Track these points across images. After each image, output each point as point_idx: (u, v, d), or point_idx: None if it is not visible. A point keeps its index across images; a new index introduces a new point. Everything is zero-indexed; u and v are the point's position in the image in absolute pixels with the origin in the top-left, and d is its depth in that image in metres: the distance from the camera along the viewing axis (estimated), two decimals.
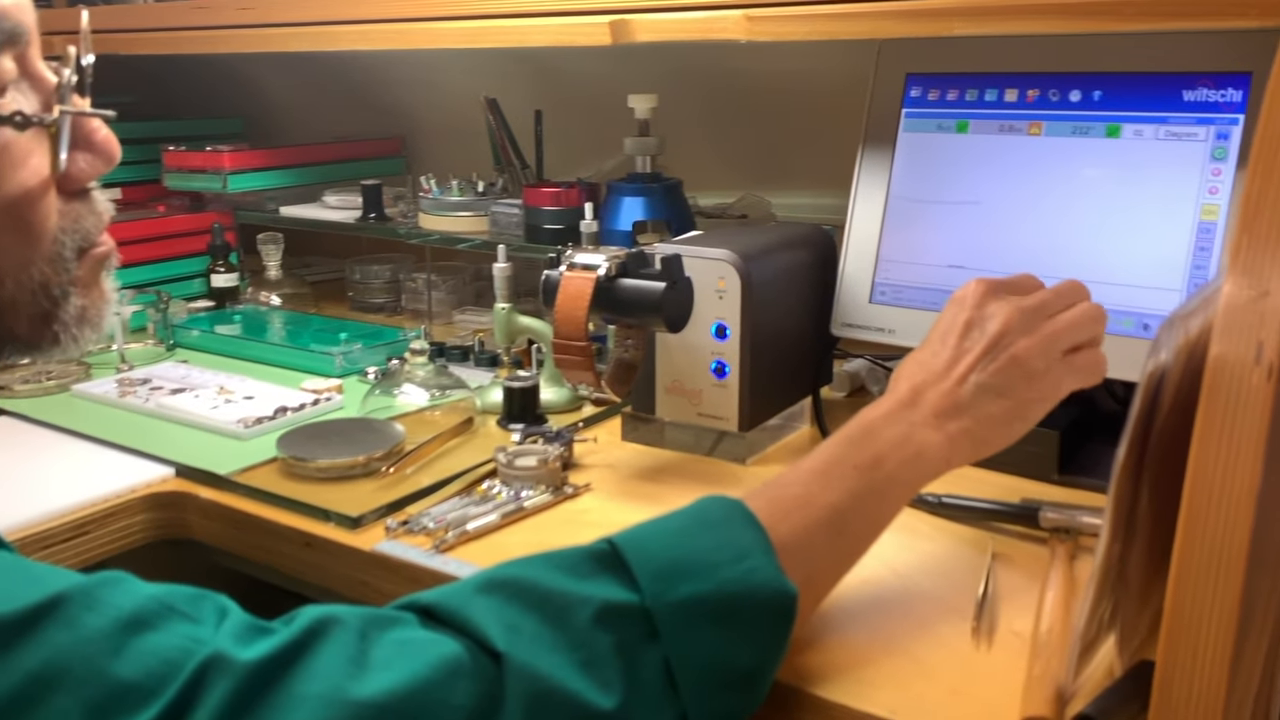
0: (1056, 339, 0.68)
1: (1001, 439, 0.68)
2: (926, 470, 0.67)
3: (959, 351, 0.68)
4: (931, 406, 0.67)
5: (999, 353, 0.68)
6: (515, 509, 0.84)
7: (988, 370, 0.67)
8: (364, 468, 0.91)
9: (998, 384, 0.67)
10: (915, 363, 0.70)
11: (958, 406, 0.67)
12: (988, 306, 0.69)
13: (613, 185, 1.19)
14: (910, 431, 0.66)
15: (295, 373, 1.20)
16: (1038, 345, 0.68)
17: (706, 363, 0.94)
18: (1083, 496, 0.86)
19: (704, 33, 0.94)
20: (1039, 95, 0.93)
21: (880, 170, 1.01)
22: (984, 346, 0.68)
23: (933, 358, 0.69)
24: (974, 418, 0.67)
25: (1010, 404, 0.67)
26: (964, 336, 0.69)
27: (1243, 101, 0.84)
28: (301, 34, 1.20)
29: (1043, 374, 0.67)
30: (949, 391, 0.67)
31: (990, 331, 0.68)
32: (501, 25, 1.06)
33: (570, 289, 0.87)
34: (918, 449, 0.66)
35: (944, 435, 0.67)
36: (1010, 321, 0.68)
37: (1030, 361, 0.67)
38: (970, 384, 0.67)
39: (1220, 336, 0.53)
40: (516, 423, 1.02)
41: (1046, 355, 0.68)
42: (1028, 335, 0.68)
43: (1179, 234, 0.86)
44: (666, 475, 0.93)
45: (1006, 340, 0.68)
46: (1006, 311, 0.69)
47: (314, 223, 1.46)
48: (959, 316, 0.70)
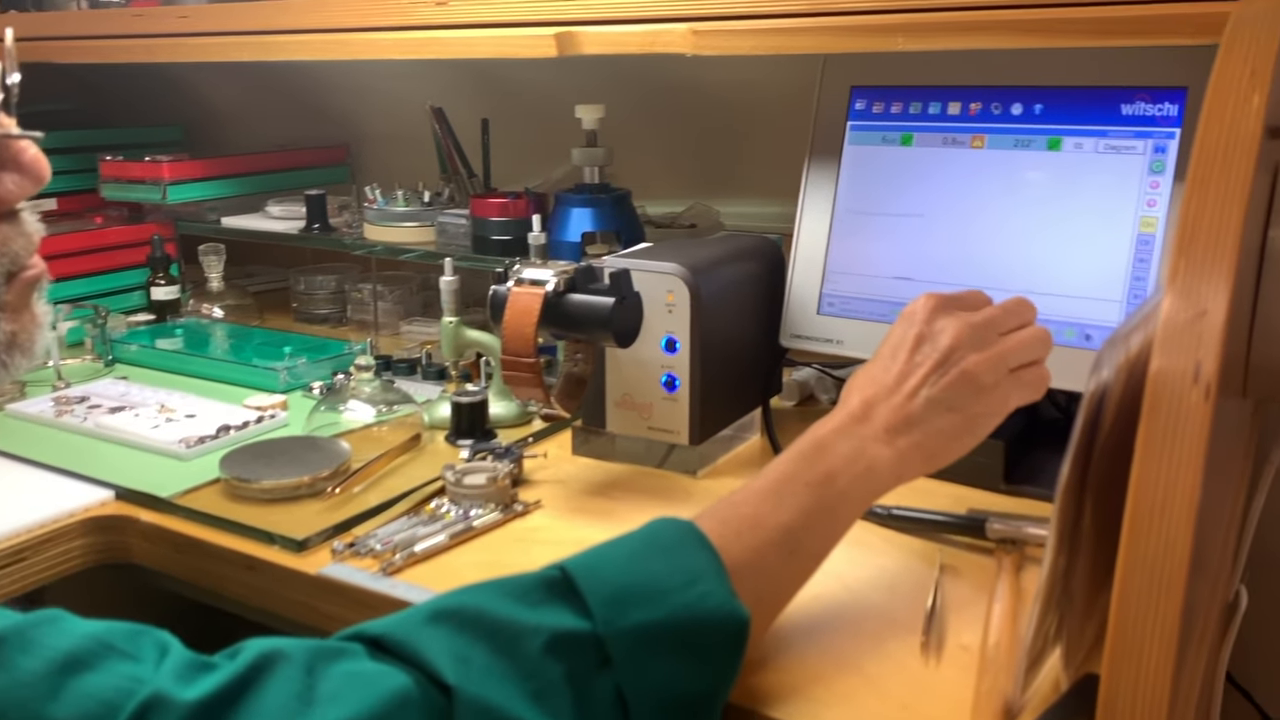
0: (1006, 356, 0.69)
1: (950, 453, 0.69)
2: (877, 485, 0.67)
3: (910, 366, 0.69)
4: (883, 421, 0.68)
5: (949, 367, 0.68)
6: (464, 528, 0.84)
7: (938, 385, 0.68)
8: (309, 488, 0.90)
9: (948, 398, 0.68)
10: (866, 377, 0.71)
11: (908, 421, 0.68)
12: (937, 321, 0.70)
13: (561, 196, 1.18)
14: (861, 446, 0.67)
15: (238, 389, 1.17)
16: (987, 361, 0.68)
17: (656, 376, 0.94)
18: (1028, 505, 0.87)
19: (649, 46, 0.93)
20: (981, 108, 0.94)
21: (826, 182, 1.01)
22: (935, 361, 0.68)
23: (884, 372, 0.70)
24: (924, 432, 0.68)
25: (960, 418, 0.68)
26: (914, 351, 0.69)
27: (1179, 116, 0.86)
28: (241, 44, 1.18)
29: (992, 388, 0.68)
30: (899, 406, 0.68)
31: (941, 346, 0.69)
32: (445, 36, 1.05)
33: (518, 305, 0.87)
34: (869, 464, 0.66)
35: (894, 450, 0.67)
36: (960, 336, 0.69)
37: (980, 376, 0.68)
38: (921, 398, 0.68)
39: (1160, 357, 0.53)
40: (465, 438, 1.01)
41: (996, 370, 0.68)
42: (977, 350, 0.69)
43: (1119, 246, 0.87)
44: (617, 490, 0.93)
45: (957, 355, 0.68)
46: (956, 327, 0.69)
47: (257, 234, 1.43)
48: (909, 331, 0.71)
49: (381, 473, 0.94)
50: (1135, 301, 0.87)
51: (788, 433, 1.04)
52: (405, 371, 1.19)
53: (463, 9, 1.04)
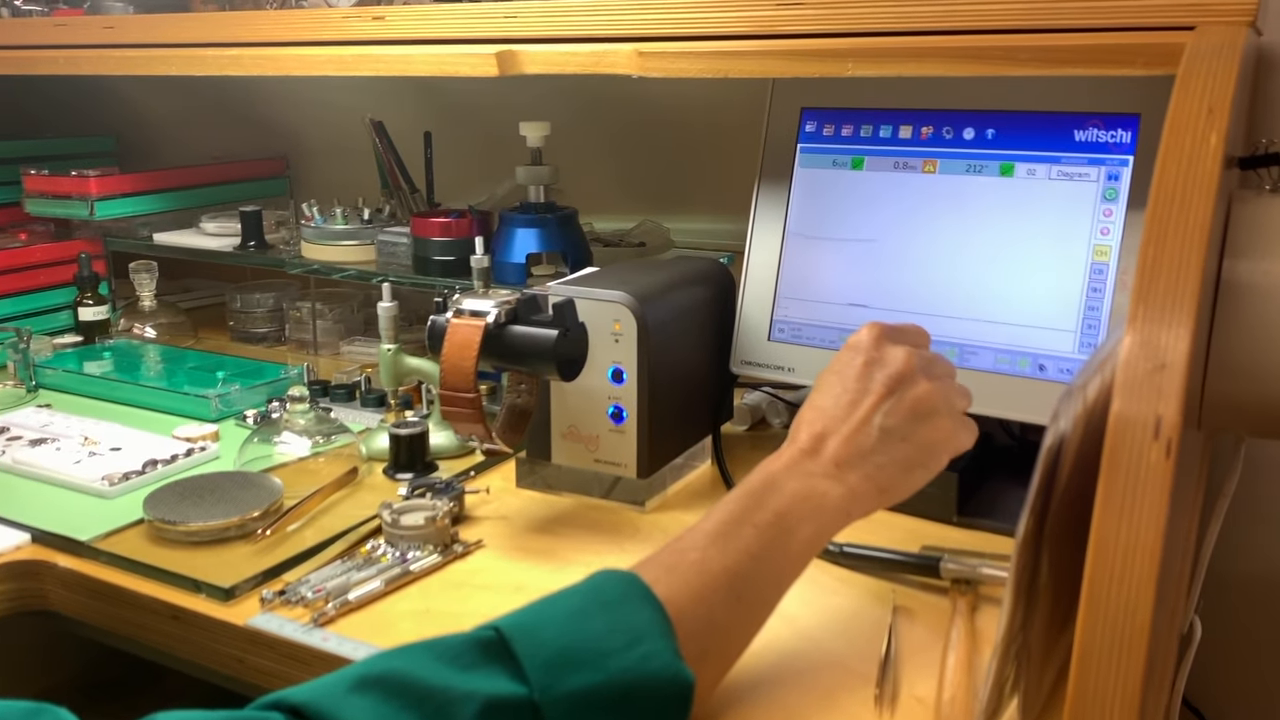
0: (950, 394, 0.67)
1: (903, 487, 0.67)
2: (828, 524, 0.65)
3: (860, 393, 0.67)
4: (832, 455, 0.65)
5: (903, 393, 0.66)
6: (401, 573, 0.80)
7: (891, 412, 0.66)
8: (239, 529, 0.86)
9: (900, 426, 0.66)
10: (815, 409, 0.68)
11: (860, 453, 0.65)
12: (885, 348, 0.68)
13: (505, 216, 1.15)
14: (811, 484, 0.64)
15: (169, 417, 1.13)
16: (939, 389, 0.67)
17: (603, 408, 0.91)
18: (982, 540, 0.85)
19: (594, 67, 0.90)
20: (933, 132, 0.92)
21: (777, 206, 0.99)
22: (886, 387, 0.66)
23: (833, 403, 0.67)
24: (876, 464, 0.65)
25: (913, 449, 0.66)
26: (864, 378, 0.67)
27: (1132, 143, 0.84)
28: (169, 57, 1.13)
29: (944, 417, 0.66)
30: (850, 437, 0.66)
31: (892, 372, 0.67)
32: (381, 53, 1.01)
33: (457, 337, 0.83)
34: (818, 502, 0.64)
35: (845, 486, 0.65)
36: (911, 362, 0.67)
37: (934, 403, 0.66)
38: (873, 427, 0.66)
39: (1118, 412, 0.51)
40: (404, 472, 0.97)
41: (948, 401, 0.67)
42: (929, 378, 0.67)
43: (1072, 274, 0.86)
44: (562, 526, 0.90)
45: (909, 380, 0.66)
46: (906, 353, 0.67)
47: (190, 251, 1.38)
48: (856, 359, 0.68)
49: (316, 510, 0.90)
50: (1089, 331, 0.85)
51: (739, 460, 1.02)
52: (343, 398, 1.15)
53: (400, 24, 1.01)
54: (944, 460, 0.67)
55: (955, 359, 0.90)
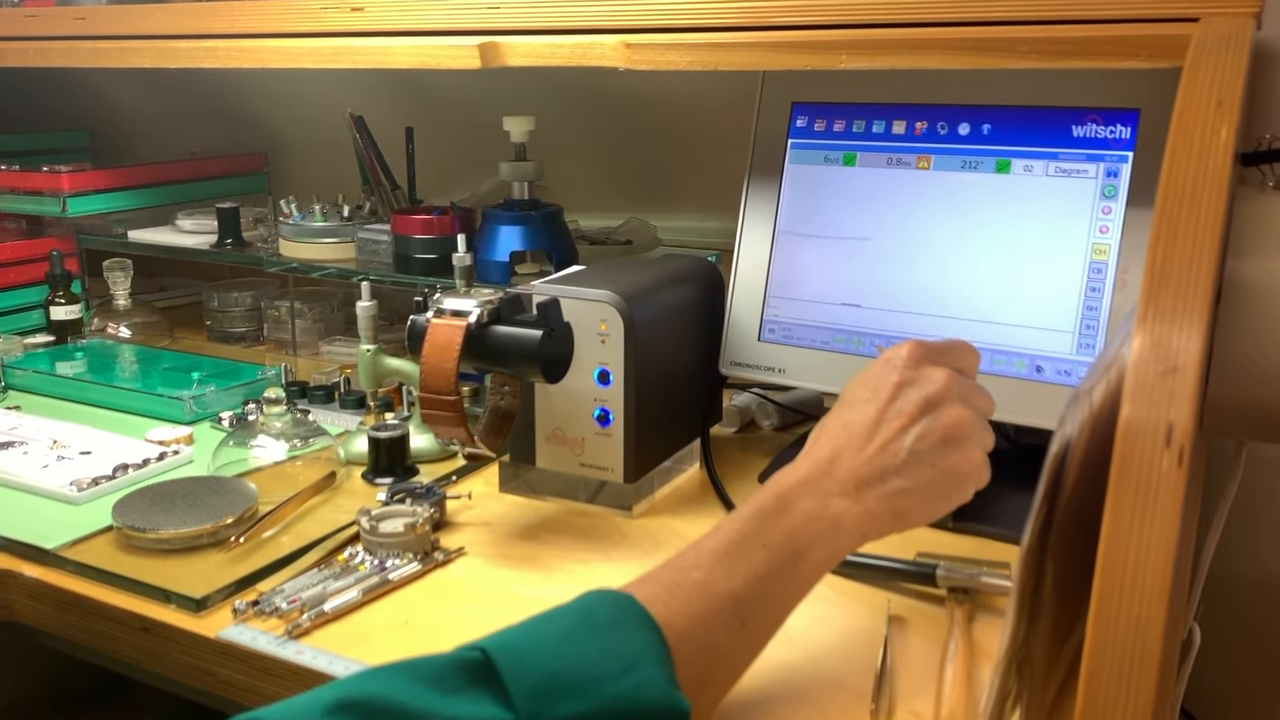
0: (986, 423, 0.63)
1: (922, 513, 0.63)
2: (840, 547, 0.62)
3: (887, 413, 0.63)
4: (851, 473, 0.61)
5: (936, 416, 0.62)
6: (379, 582, 0.77)
7: (921, 435, 0.62)
8: (211, 537, 0.83)
9: (929, 451, 0.62)
10: (839, 422, 0.64)
11: (881, 474, 0.61)
12: (922, 368, 0.64)
13: (488, 213, 1.12)
14: (825, 503, 0.61)
15: (142, 419, 1.10)
16: (974, 418, 0.62)
17: (589, 410, 0.88)
18: (978, 546, 0.83)
19: (579, 59, 0.88)
20: (927, 128, 0.90)
21: (767, 202, 0.96)
22: (919, 407, 0.62)
23: (859, 417, 0.63)
24: (896, 487, 0.61)
25: (937, 476, 0.62)
26: (894, 397, 0.63)
27: (1132, 139, 0.82)
28: (141, 49, 1.10)
29: (974, 448, 0.62)
30: (872, 457, 0.62)
31: (927, 393, 0.63)
32: (361, 45, 0.98)
33: (438, 338, 0.80)
34: (833, 523, 0.61)
35: (862, 507, 0.61)
36: (949, 385, 0.63)
37: (967, 430, 0.62)
38: (900, 448, 0.62)
39: (1127, 418, 0.49)
40: (384, 476, 0.94)
41: (980, 430, 0.63)
42: (964, 405, 0.63)
43: (1070, 273, 0.84)
44: (547, 532, 0.87)
45: (944, 404, 0.62)
46: (946, 375, 0.63)
47: (166, 249, 1.35)
48: (890, 375, 0.64)
49: (292, 517, 0.88)
50: (1087, 332, 0.83)
51: (728, 463, 1.00)
52: (322, 400, 1.12)
53: (380, 15, 0.98)
54: (969, 493, 0.63)
55: None
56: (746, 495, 0.96)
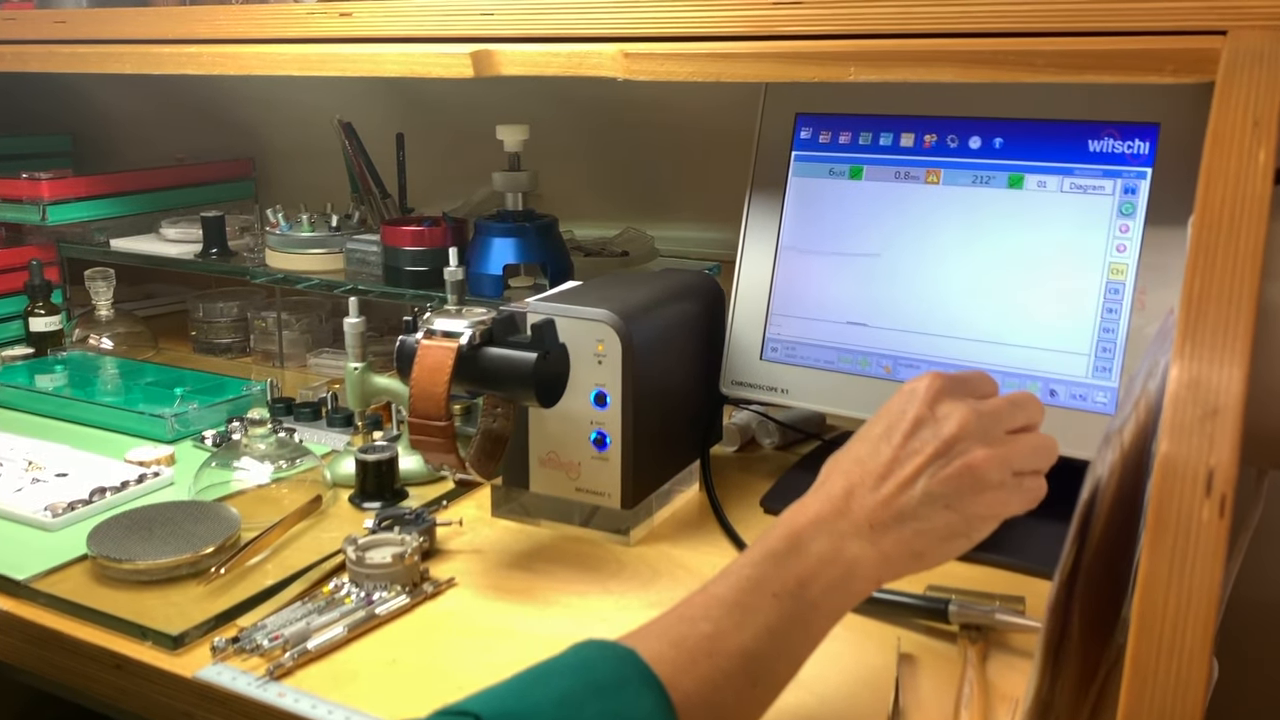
0: (1013, 457, 0.60)
1: (940, 555, 0.60)
2: (856, 592, 0.58)
3: (905, 451, 0.59)
4: (867, 513, 0.58)
5: (952, 458, 0.58)
6: (366, 617, 0.74)
7: (937, 476, 0.58)
8: (191, 567, 0.79)
9: (946, 493, 0.58)
10: (852, 458, 0.61)
11: (898, 515, 0.58)
12: (942, 404, 0.60)
13: (481, 225, 1.09)
14: (840, 545, 0.57)
15: (122, 437, 1.06)
16: (995, 458, 0.59)
17: (585, 433, 0.85)
18: (990, 577, 0.80)
19: (576, 69, 0.84)
20: (937, 141, 0.87)
21: (769, 217, 0.93)
22: (936, 449, 0.59)
23: (873, 455, 0.60)
24: (914, 529, 0.58)
25: (956, 518, 0.58)
26: (912, 434, 0.60)
27: (1150, 154, 0.79)
28: (123, 54, 1.06)
29: (995, 488, 0.59)
30: (889, 498, 0.58)
31: (944, 433, 0.59)
32: (350, 52, 0.95)
33: (428, 360, 0.77)
34: (848, 566, 0.57)
35: (878, 551, 0.58)
36: (967, 425, 0.59)
37: (986, 472, 0.58)
38: (915, 490, 0.58)
39: (1165, 461, 0.46)
40: (371, 500, 0.91)
41: (1001, 469, 0.59)
42: (984, 444, 0.59)
43: (1086, 294, 0.81)
44: (541, 560, 0.84)
45: (961, 445, 0.59)
46: (963, 413, 0.60)
47: (149, 258, 1.31)
48: (908, 411, 0.61)
49: (275, 545, 0.84)
50: (1103, 355, 0.80)
51: (729, 484, 0.96)
52: (308, 417, 1.08)
53: (368, 21, 0.94)
54: (986, 531, 0.60)
55: None
56: (748, 519, 0.94)
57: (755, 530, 0.88)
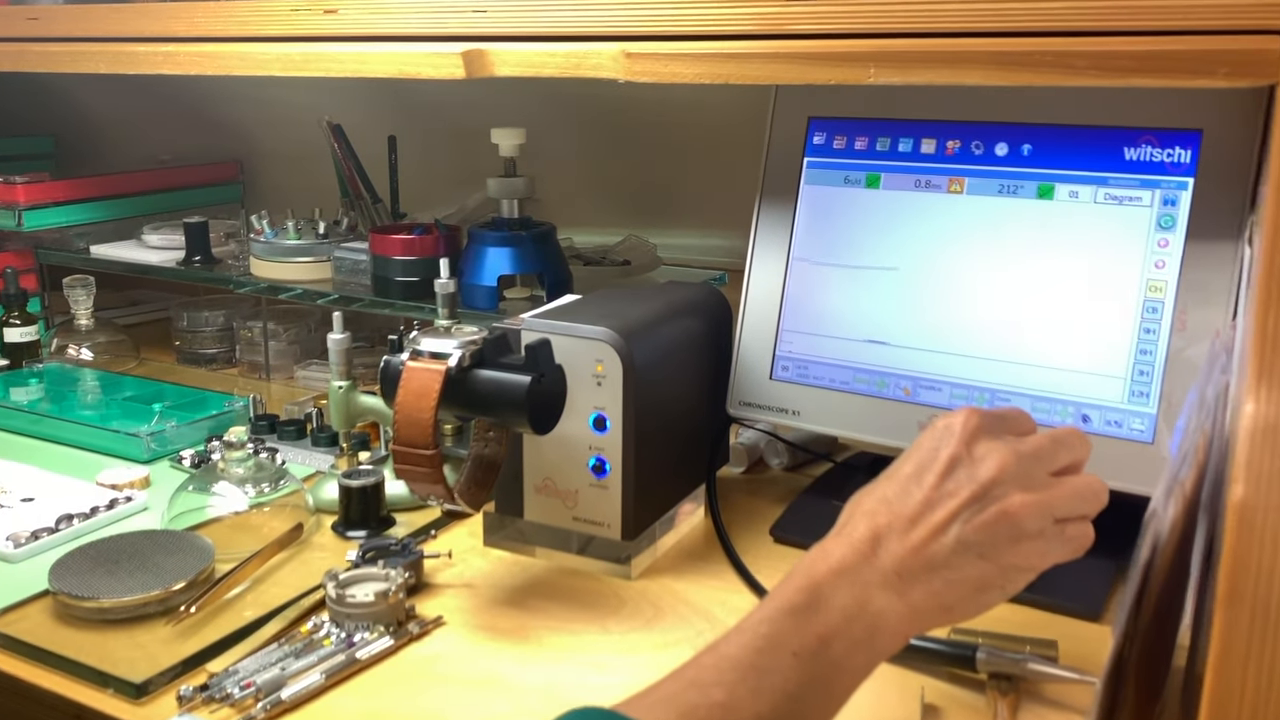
0: (1055, 503, 0.54)
1: (973, 608, 0.54)
2: (882, 649, 0.53)
3: (938, 494, 0.54)
4: (894, 561, 0.53)
5: (988, 503, 0.53)
6: (345, 661, 0.68)
7: (971, 523, 0.53)
8: (160, 604, 0.74)
9: (980, 541, 0.53)
10: (878, 499, 0.55)
11: (929, 564, 0.53)
12: (979, 444, 0.55)
13: (475, 233, 1.03)
14: (865, 596, 0.52)
15: (96, 456, 1.01)
16: (1035, 504, 0.54)
17: (583, 459, 0.80)
18: (1022, 616, 0.74)
19: (574, 70, 0.79)
20: (960, 147, 0.81)
21: (780, 227, 0.87)
22: (972, 492, 0.54)
23: (902, 497, 0.55)
24: (945, 580, 0.53)
25: (991, 569, 0.53)
26: (946, 476, 0.54)
27: (1193, 163, 0.73)
28: (98, 53, 1.01)
29: (1034, 537, 0.53)
30: (920, 545, 0.53)
31: (981, 476, 0.54)
32: (336, 51, 0.89)
33: (414, 384, 0.71)
34: (873, 621, 0.52)
35: (906, 603, 0.52)
36: (1006, 467, 0.54)
37: (1024, 520, 0.53)
38: (949, 537, 0.53)
39: (1240, 514, 0.40)
40: (356, 529, 0.85)
41: (1042, 517, 0.54)
42: (1024, 489, 0.54)
43: (1121, 313, 0.75)
44: (536, 596, 0.78)
45: (999, 490, 0.54)
46: (1002, 454, 0.54)
47: (129, 266, 1.26)
48: (941, 451, 0.55)
49: (252, 579, 0.79)
50: (1140, 378, 0.74)
51: (735, 508, 0.91)
52: (292, 436, 1.03)
53: (355, 18, 0.89)
54: (1023, 584, 0.55)
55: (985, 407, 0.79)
56: (757, 548, 0.88)
57: (764, 561, 0.83)
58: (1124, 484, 0.74)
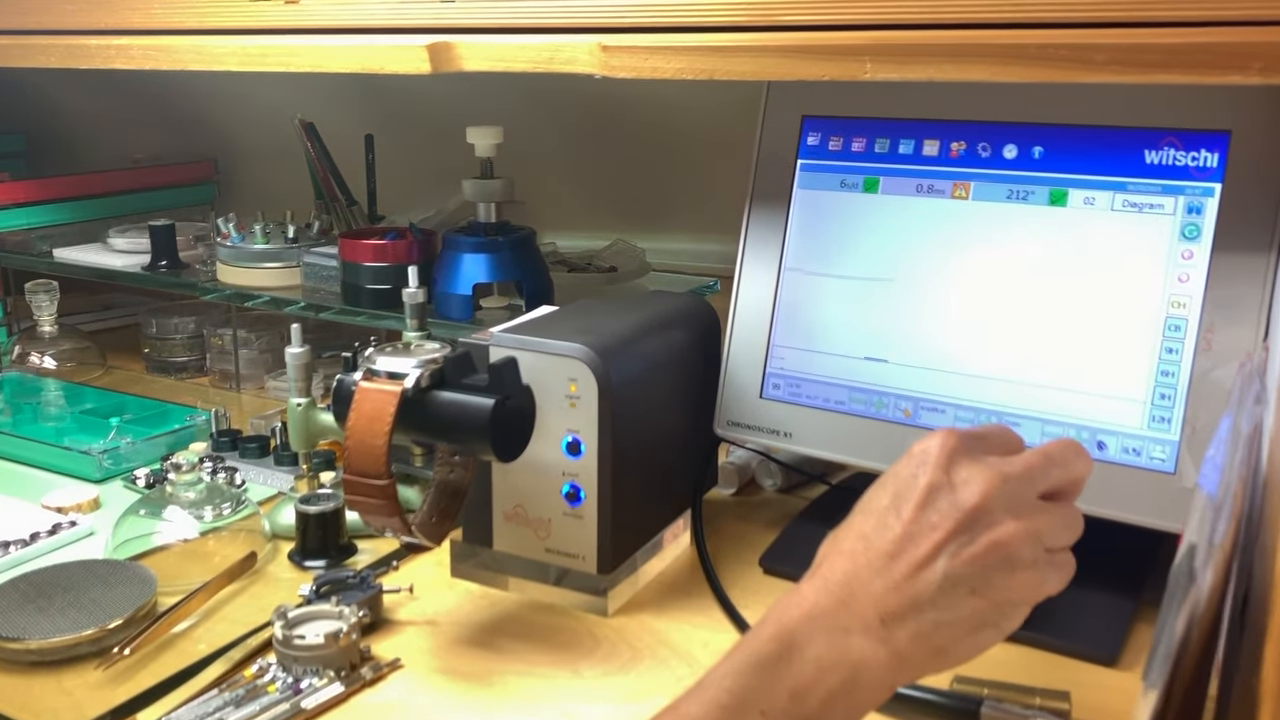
0: (1044, 531, 0.49)
1: (966, 651, 0.49)
2: (863, 701, 0.47)
3: (919, 525, 0.49)
4: (875, 603, 0.47)
5: (977, 533, 0.48)
6: (290, 711, 0.62)
7: (960, 555, 0.48)
8: (93, 645, 0.68)
9: (971, 575, 0.48)
10: (855, 534, 0.50)
11: (914, 604, 0.48)
12: (960, 468, 0.50)
13: (449, 238, 0.97)
14: (844, 645, 0.46)
15: (49, 475, 0.95)
16: (1026, 530, 0.48)
17: (556, 486, 0.74)
18: (1029, 660, 0.68)
19: (547, 64, 0.73)
20: (965, 149, 0.75)
21: (771, 234, 0.81)
22: (957, 521, 0.48)
23: (881, 531, 0.49)
24: (934, 621, 0.48)
25: (984, 605, 0.48)
26: (926, 505, 0.49)
27: (1220, 168, 0.67)
28: (47, 46, 0.95)
29: (1028, 567, 0.48)
30: (902, 583, 0.48)
31: (965, 503, 0.49)
32: (294, 45, 0.84)
33: (366, 407, 0.66)
34: (853, 671, 0.46)
35: (889, 650, 0.47)
36: (992, 491, 0.49)
37: (1017, 549, 0.48)
38: (933, 572, 0.48)
39: None
40: (314, 558, 0.80)
41: (1035, 545, 0.49)
42: (1014, 515, 0.48)
43: (1141, 330, 0.69)
44: (503, 635, 0.72)
45: (987, 518, 0.48)
46: (986, 478, 0.49)
47: (92, 270, 1.20)
48: (919, 477, 0.50)
49: (198, 614, 0.73)
50: (1161, 402, 0.68)
51: (723, 535, 0.85)
52: (255, 453, 0.97)
53: (317, 10, 0.83)
54: (1020, 620, 0.50)
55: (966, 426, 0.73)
56: (746, 580, 0.81)
57: (752, 596, 0.77)
58: (1143, 517, 0.68)
